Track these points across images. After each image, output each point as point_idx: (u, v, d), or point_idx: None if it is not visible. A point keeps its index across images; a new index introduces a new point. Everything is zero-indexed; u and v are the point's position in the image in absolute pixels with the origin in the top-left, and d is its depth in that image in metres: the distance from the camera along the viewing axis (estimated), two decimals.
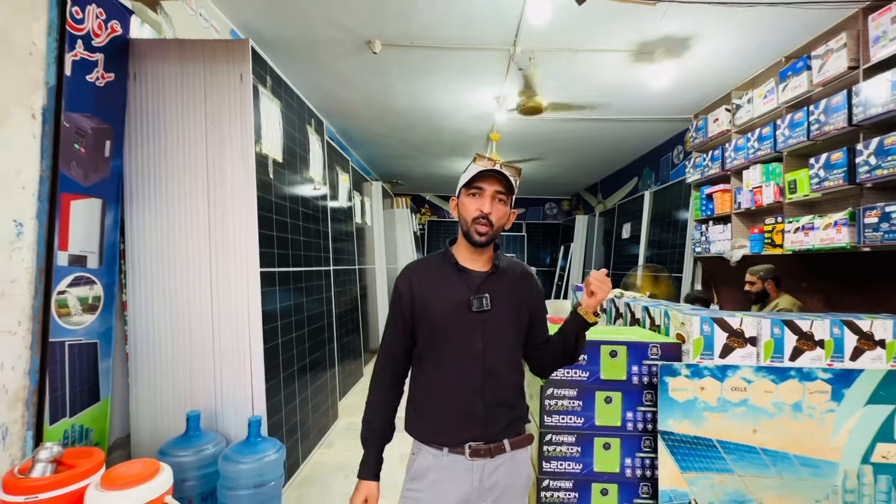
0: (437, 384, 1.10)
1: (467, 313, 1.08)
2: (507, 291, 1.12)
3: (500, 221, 1.10)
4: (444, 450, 1.08)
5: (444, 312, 1.09)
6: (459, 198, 1.14)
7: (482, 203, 1.07)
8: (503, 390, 1.11)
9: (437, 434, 1.10)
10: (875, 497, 1.53)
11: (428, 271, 1.15)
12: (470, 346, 1.08)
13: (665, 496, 1.52)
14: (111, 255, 1.95)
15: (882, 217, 2.29)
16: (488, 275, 1.12)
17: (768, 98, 3.21)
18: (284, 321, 2.25)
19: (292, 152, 2.49)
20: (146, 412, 1.96)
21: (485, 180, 1.08)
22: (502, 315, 1.10)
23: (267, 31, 3.04)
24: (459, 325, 1.08)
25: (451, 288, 1.10)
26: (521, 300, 1.14)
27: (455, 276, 1.12)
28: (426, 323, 1.10)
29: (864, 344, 1.57)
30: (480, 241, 1.08)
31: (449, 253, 1.16)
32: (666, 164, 5.54)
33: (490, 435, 1.08)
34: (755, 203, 3.34)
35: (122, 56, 1.98)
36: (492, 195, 1.08)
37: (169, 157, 2.00)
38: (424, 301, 1.10)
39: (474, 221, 1.08)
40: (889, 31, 2.34)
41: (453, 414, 1.08)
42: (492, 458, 1.08)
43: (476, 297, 1.08)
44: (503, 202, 1.10)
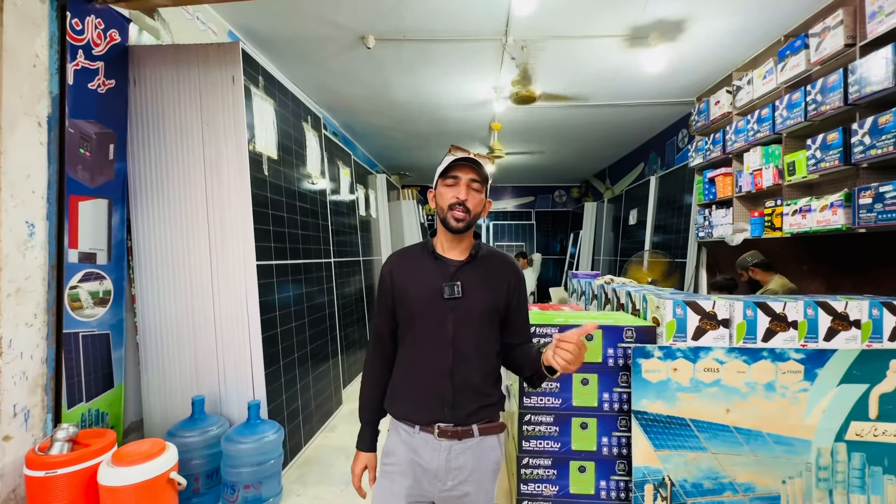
0: (412, 366, 1.16)
1: (440, 300, 1.12)
2: (481, 280, 1.15)
3: (477, 208, 1.14)
4: (416, 427, 1.14)
5: (419, 298, 1.14)
6: (437, 189, 1.18)
7: (458, 191, 1.12)
8: (473, 376, 1.14)
9: (410, 413, 1.15)
10: (849, 473, 1.56)
11: (408, 259, 1.21)
12: (442, 331, 1.12)
13: (639, 472, 1.57)
14: (119, 251, 2.08)
15: (876, 197, 2.26)
16: (464, 263, 1.16)
17: (768, 78, 3.15)
18: (283, 311, 2.36)
19: (288, 149, 2.58)
20: (156, 397, 2.11)
21: (459, 169, 1.12)
22: (474, 303, 1.13)
23: (264, 30, 3.12)
24: (432, 310, 1.13)
25: (426, 275, 1.15)
26: (497, 290, 1.17)
27: (432, 263, 1.16)
28: (404, 308, 1.16)
29: (838, 324, 1.59)
30: (458, 227, 1.11)
31: (429, 242, 1.20)
32: (671, 149, 5.46)
33: (458, 418, 1.12)
34: (755, 186, 3.30)
35: (122, 63, 2.09)
36: (467, 183, 1.12)
37: (169, 158, 2.11)
38: (402, 287, 1.16)
39: (451, 208, 1.12)
40: (885, 6, 2.28)
41: (425, 395, 1.13)
42: (459, 441, 1.12)
43: (448, 285, 1.12)
44: (478, 190, 1.14)
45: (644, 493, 1.58)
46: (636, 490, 1.58)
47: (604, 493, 1.66)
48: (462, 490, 1.14)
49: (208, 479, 1.90)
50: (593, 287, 2.63)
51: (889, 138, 2.19)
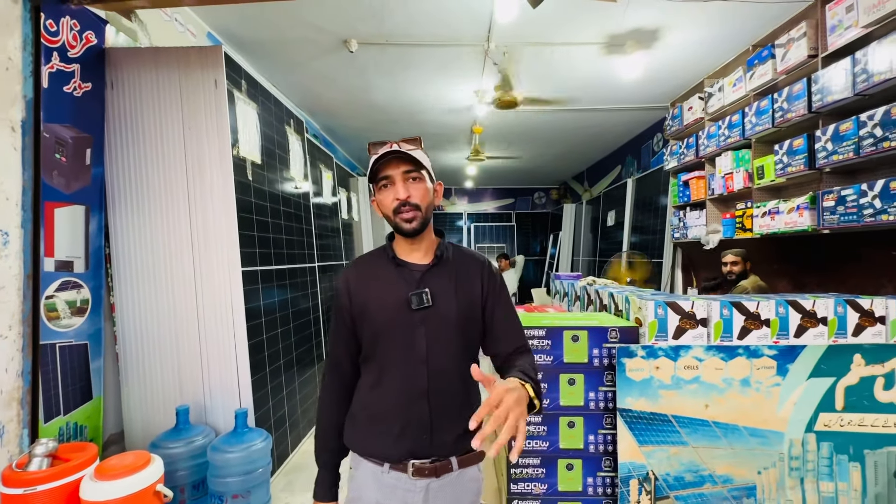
0: (380, 392, 1.00)
1: (407, 312, 0.97)
2: (452, 284, 1.02)
3: (426, 200, 0.99)
4: (385, 465, 0.98)
5: (383, 312, 0.99)
6: (375, 196, 1.03)
7: (395, 190, 0.97)
8: (452, 395, 1.00)
9: (377, 447, 0.98)
10: (818, 462, 1.65)
11: (366, 268, 1.06)
12: (413, 348, 0.97)
13: (624, 468, 1.63)
14: (97, 259, 2.02)
15: (838, 200, 2.40)
16: (430, 267, 1.02)
17: (737, 86, 3.30)
18: (269, 318, 2.34)
19: (271, 153, 2.56)
20: (137, 408, 2.05)
21: (387, 166, 0.97)
22: (447, 311, 0.99)
23: (243, 33, 3.08)
24: (399, 325, 0.98)
25: (389, 285, 1.01)
26: (470, 293, 1.03)
27: (394, 271, 1.02)
28: (366, 325, 1.00)
29: (807, 322, 1.68)
30: (412, 229, 0.98)
31: (388, 247, 1.06)
32: (647, 152, 5.63)
33: (437, 449, 0.98)
34: (727, 189, 3.44)
35: (99, 65, 2.03)
36: (402, 178, 0.97)
37: (149, 162, 2.06)
38: (362, 301, 1.01)
39: (396, 213, 0.97)
40: (844, 21, 2.42)
41: (397, 425, 0.97)
42: (437, 478, 0.97)
43: (415, 294, 0.97)
44: (419, 179, 0.99)
45: (629, 489, 1.63)
46: (622, 485, 1.63)
47: (591, 490, 1.71)
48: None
49: (194, 490, 1.86)
50: (576, 288, 2.69)
51: (849, 145, 2.32)
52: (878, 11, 2.20)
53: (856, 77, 2.28)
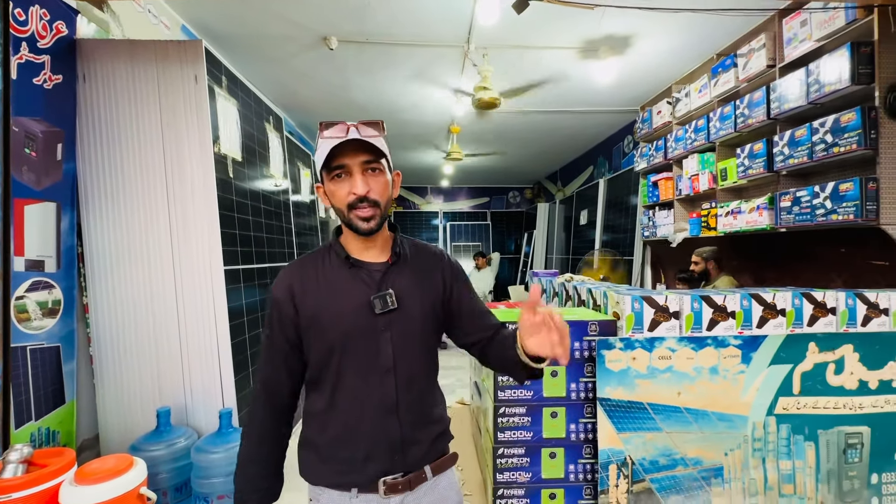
0: (338, 413, 0.88)
1: (370, 317, 0.87)
2: (414, 282, 0.92)
3: (385, 195, 0.88)
4: (353, 491, 0.88)
5: (340, 320, 0.87)
6: (324, 184, 0.90)
7: (353, 184, 0.85)
8: (423, 404, 0.93)
9: (343, 475, 0.88)
10: (778, 443, 1.79)
11: (312, 272, 0.91)
12: (378, 356, 0.87)
13: (604, 454, 1.72)
14: (69, 258, 1.95)
15: (794, 201, 2.58)
16: (389, 266, 0.92)
17: (703, 92, 3.48)
18: (251, 317, 2.31)
19: (251, 150, 2.52)
20: (114, 411, 1.99)
21: (344, 155, 0.84)
22: (413, 312, 0.90)
23: (219, 27, 3.01)
24: (362, 333, 0.87)
25: (344, 289, 0.88)
26: (433, 289, 0.95)
27: (347, 273, 0.90)
28: (318, 338, 0.88)
29: (768, 313, 1.82)
30: (368, 229, 0.86)
31: (336, 245, 0.93)
32: (618, 153, 5.83)
33: (409, 463, 0.90)
34: (693, 190, 3.62)
35: (70, 57, 1.96)
36: (360, 168, 0.85)
37: (124, 158, 2.00)
38: (312, 310, 0.88)
39: (351, 209, 0.85)
40: (799, 34, 2.61)
41: (364, 446, 0.87)
42: (412, 491, 0.90)
43: (378, 297, 0.87)
44: (378, 171, 0.87)
45: (608, 474, 1.72)
46: (602, 471, 1.72)
47: (572, 476, 1.79)
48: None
49: (177, 492, 1.83)
50: (554, 285, 2.78)
51: (803, 149, 2.50)
52: (828, 27, 2.38)
53: (809, 87, 2.46)
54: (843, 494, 1.80)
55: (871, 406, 1.81)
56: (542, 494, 1.78)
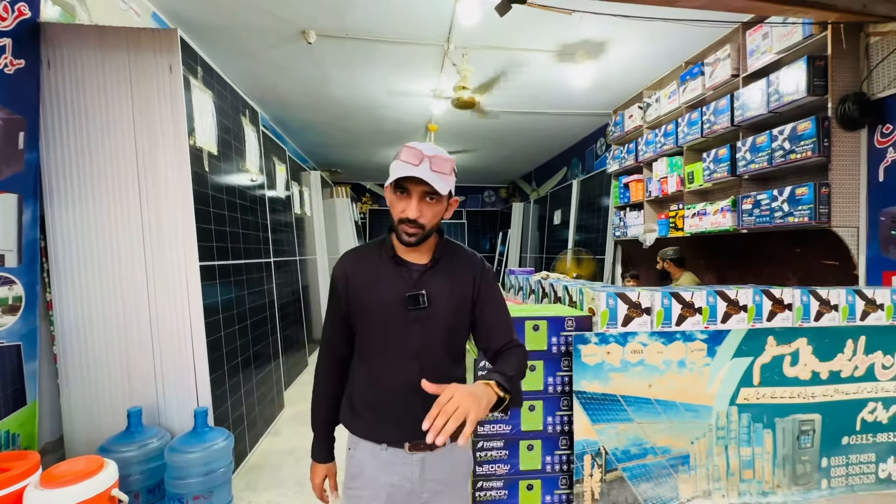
0: (373, 381, 1.05)
1: (403, 310, 1.01)
2: (447, 286, 1.05)
3: (433, 221, 1.00)
4: (383, 444, 1.04)
5: (380, 308, 1.02)
6: (386, 192, 1.04)
7: (408, 207, 0.97)
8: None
9: (375, 432, 1.05)
10: (739, 431, 1.91)
11: (365, 261, 1.08)
12: (406, 344, 1.02)
13: (579, 445, 1.78)
14: (31, 252, 1.86)
15: (754, 204, 2.74)
16: (427, 268, 1.05)
17: (672, 98, 3.62)
18: (226, 314, 2.26)
19: (227, 144, 2.46)
20: (81, 412, 1.92)
21: (411, 181, 0.96)
22: (440, 312, 1.03)
23: (191, 15, 2.92)
24: (395, 322, 1.01)
25: (387, 282, 1.03)
26: (463, 292, 1.06)
27: (392, 268, 1.04)
28: (361, 315, 1.05)
29: (731, 309, 1.93)
30: (410, 242, 0.99)
31: (388, 242, 1.07)
32: (591, 155, 5.99)
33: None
34: (662, 192, 3.77)
35: (34, 41, 1.86)
36: (419, 197, 0.97)
37: (93, 149, 1.92)
38: (360, 294, 1.04)
39: (401, 223, 0.99)
40: (761, 46, 2.76)
41: (391, 414, 1.03)
42: (432, 451, 1.04)
43: (412, 294, 1.00)
44: (435, 201, 0.99)
45: (583, 464, 1.79)
46: (577, 461, 1.78)
47: (549, 467, 1.85)
48: (437, 502, 1.07)
49: (150, 494, 1.78)
50: (531, 283, 2.85)
51: (763, 155, 2.66)
52: (787, 40, 2.53)
53: (770, 97, 2.61)
54: (796, 478, 1.94)
55: (822, 395, 1.95)
56: (520, 486, 1.83)
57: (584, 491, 1.80)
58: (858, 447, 1.98)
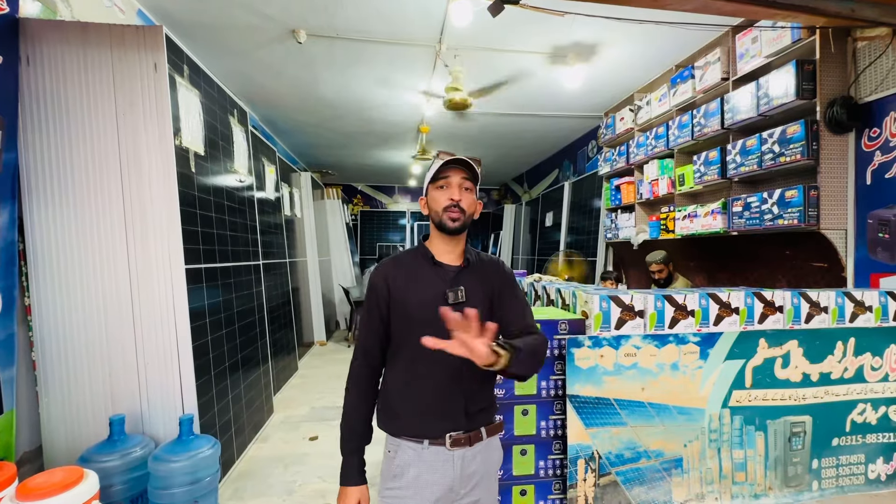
0: (415, 378, 1.12)
1: (443, 305, 1.06)
2: (479, 284, 1.16)
3: (471, 209, 1.15)
4: (425, 442, 1.10)
5: (422, 305, 1.11)
6: (428, 194, 1.17)
7: (451, 192, 1.11)
8: (482, 381, 1.14)
9: (417, 428, 1.11)
10: (731, 434, 1.91)
11: (404, 265, 1.18)
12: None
13: (573, 450, 1.77)
14: (8, 255, 1.79)
15: (744, 206, 2.75)
16: (461, 269, 1.16)
17: (663, 101, 3.64)
18: (213, 318, 2.21)
19: (214, 144, 2.41)
20: (60, 421, 1.85)
21: (450, 171, 1.12)
22: (476, 306, 1.08)
23: (178, 13, 2.86)
24: (435, 317, 1.05)
25: (427, 281, 1.13)
26: (492, 290, 1.18)
27: (430, 269, 1.15)
28: (403, 316, 1.12)
29: (723, 312, 1.93)
30: (454, 227, 1.11)
31: (423, 247, 1.19)
32: (582, 157, 6.01)
33: (470, 424, 1.12)
34: (653, 194, 3.79)
35: (12, 37, 1.80)
36: (459, 183, 1.12)
37: (74, 149, 1.87)
38: (401, 294, 1.13)
39: (445, 210, 1.11)
40: (750, 50, 2.78)
41: (434, 406, 1.10)
42: (471, 447, 1.11)
43: (452, 290, 1.11)
44: (470, 190, 1.15)
45: (577, 468, 1.77)
46: (570, 465, 1.77)
47: (542, 472, 1.83)
48: (474, 496, 1.13)
49: None
50: (524, 285, 2.83)
51: (753, 158, 2.68)
52: (776, 45, 2.56)
53: (759, 100, 2.63)
54: (787, 479, 1.94)
55: (813, 397, 1.96)
56: (514, 491, 1.81)
57: (577, 496, 1.78)
58: (849, 448, 1.99)
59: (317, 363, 4.84)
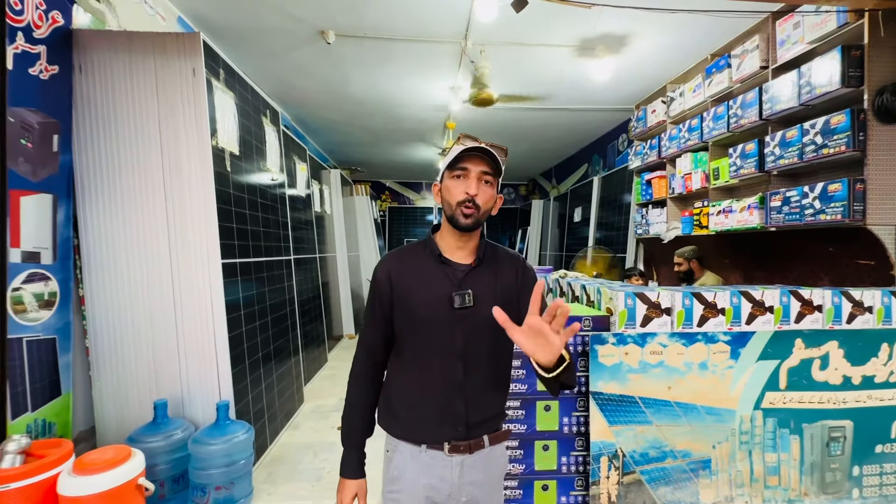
0: (415, 380, 1.05)
1: (449, 309, 1.01)
2: (491, 285, 1.06)
3: (487, 205, 1.03)
4: (423, 446, 1.04)
5: (425, 307, 1.02)
6: (442, 182, 1.05)
7: (468, 185, 1.00)
8: (484, 387, 1.06)
9: (415, 432, 1.05)
10: (764, 436, 1.84)
11: (409, 261, 1.08)
12: (451, 343, 1.01)
13: (595, 447, 1.76)
14: (65, 250, 1.94)
15: (783, 201, 2.63)
16: (472, 268, 1.05)
17: (697, 92, 3.51)
18: (248, 310, 2.32)
19: (248, 144, 2.52)
20: (111, 403, 2.00)
21: (470, 160, 1.00)
22: (486, 311, 0.98)
23: (215, 18, 2.99)
24: (440, 321, 1.01)
25: (432, 281, 1.04)
26: (507, 291, 1.07)
27: (437, 267, 1.05)
28: (405, 316, 1.04)
29: (756, 310, 1.86)
30: (466, 224, 1.00)
31: (432, 241, 1.08)
32: (612, 151, 5.87)
33: (470, 432, 1.04)
34: (686, 188, 3.67)
35: (66, 47, 1.94)
36: (478, 176, 1.00)
37: (121, 150, 2.00)
38: (404, 292, 1.04)
39: (459, 205, 1.00)
40: (791, 36, 2.65)
41: (433, 413, 1.03)
42: (471, 454, 1.04)
43: (458, 294, 1.01)
44: (490, 184, 1.02)
45: (600, 465, 1.76)
46: (593, 463, 1.76)
47: (564, 468, 1.83)
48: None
49: (174, 483, 1.85)
50: (549, 281, 2.82)
51: (793, 150, 2.55)
52: (820, 30, 2.42)
53: (801, 89, 2.50)
54: (825, 486, 1.86)
55: (854, 401, 1.87)
56: (535, 486, 1.82)
57: (600, 493, 1.77)
58: (893, 456, 1.89)
59: (346, 356, 4.97)
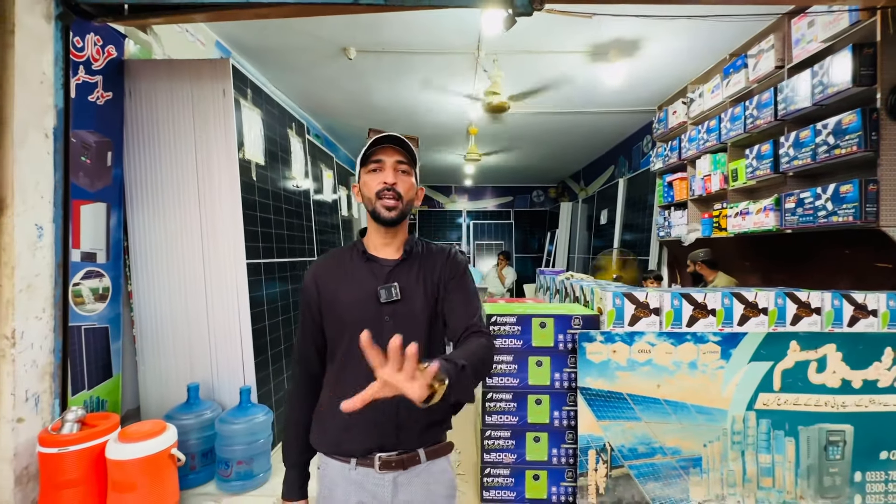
0: (345, 385, 0.97)
1: (375, 305, 0.98)
2: (419, 279, 1.03)
3: (409, 194, 1.02)
4: (352, 462, 0.99)
5: (351, 305, 0.99)
6: (360, 179, 1.04)
7: (384, 175, 0.99)
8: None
9: (342, 444, 0.99)
10: (757, 437, 1.85)
11: (335, 263, 1.06)
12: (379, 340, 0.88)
13: (583, 440, 1.84)
14: (117, 251, 2.24)
15: (798, 203, 2.58)
16: (399, 262, 1.03)
17: (715, 93, 3.47)
18: (270, 306, 2.56)
19: (273, 155, 2.77)
20: (152, 386, 2.28)
21: (383, 152, 1.00)
22: (414, 305, 1.00)
23: (249, 41, 3.29)
24: (367, 318, 0.97)
25: (358, 278, 1.01)
26: (435, 284, 1.04)
27: (363, 265, 1.03)
28: (333, 318, 1.01)
29: (749, 312, 1.88)
30: (390, 217, 0.98)
31: (359, 242, 1.07)
32: (637, 153, 5.80)
33: (403, 442, 0.99)
34: (706, 190, 3.62)
35: (119, 76, 2.25)
36: (393, 165, 1.00)
37: (163, 164, 2.28)
38: (330, 294, 1.01)
39: (379, 196, 0.98)
40: (806, 35, 2.60)
41: (363, 419, 0.92)
42: (404, 470, 0.98)
43: (384, 287, 0.99)
44: (406, 173, 1.02)
45: (588, 458, 1.84)
46: (581, 455, 1.84)
47: (555, 460, 1.92)
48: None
49: (203, 457, 2.08)
50: (556, 283, 2.89)
51: (807, 151, 2.51)
52: (833, 28, 2.38)
53: (814, 88, 2.46)
54: (823, 489, 1.84)
55: (855, 405, 1.84)
56: (527, 475, 1.92)
57: (588, 484, 1.85)
58: None
59: None
